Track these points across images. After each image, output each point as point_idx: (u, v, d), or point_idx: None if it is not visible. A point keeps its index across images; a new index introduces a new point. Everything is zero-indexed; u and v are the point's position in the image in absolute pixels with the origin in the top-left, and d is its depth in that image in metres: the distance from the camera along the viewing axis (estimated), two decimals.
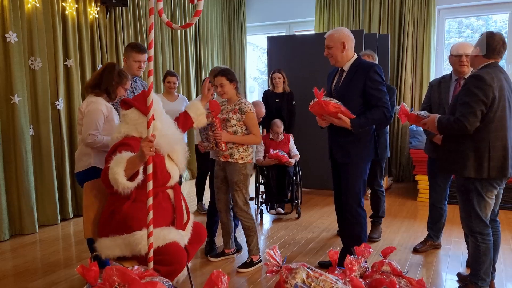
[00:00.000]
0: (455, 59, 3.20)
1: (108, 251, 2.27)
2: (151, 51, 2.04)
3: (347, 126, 2.82)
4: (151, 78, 2.08)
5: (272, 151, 4.50)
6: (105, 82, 2.77)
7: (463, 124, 2.45)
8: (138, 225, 2.21)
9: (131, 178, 2.16)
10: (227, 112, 3.17)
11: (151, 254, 2.14)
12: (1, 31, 3.86)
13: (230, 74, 3.15)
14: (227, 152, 3.14)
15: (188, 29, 6.41)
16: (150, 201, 2.12)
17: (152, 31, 2.02)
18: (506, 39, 2.60)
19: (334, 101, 2.81)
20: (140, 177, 2.18)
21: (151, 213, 2.12)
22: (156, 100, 2.40)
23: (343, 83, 2.97)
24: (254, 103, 4.50)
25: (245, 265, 3.26)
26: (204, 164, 4.52)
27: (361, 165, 2.97)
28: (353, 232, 3.02)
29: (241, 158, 3.15)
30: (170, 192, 2.46)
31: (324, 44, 2.96)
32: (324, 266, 3.16)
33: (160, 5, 2.08)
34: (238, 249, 3.62)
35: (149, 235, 2.13)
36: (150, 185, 2.13)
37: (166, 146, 2.37)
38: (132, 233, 2.21)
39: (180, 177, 2.75)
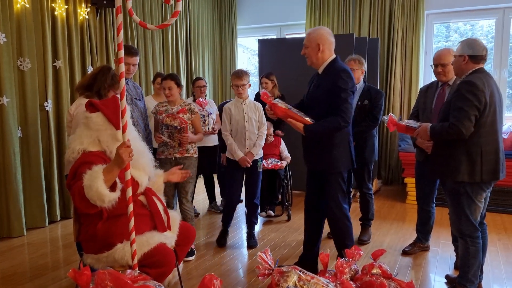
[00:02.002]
0: (433, 67, 3.26)
1: (97, 265, 2.26)
2: (121, 52, 2.01)
3: (300, 131, 2.81)
4: (123, 81, 2.02)
5: (265, 164, 4.50)
6: (98, 84, 2.74)
7: (459, 129, 2.48)
8: (118, 239, 2.19)
9: (110, 189, 2.08)
10: (177, 112, 3.51)
11: (136, 261, 2.12)
12: None
13: (178, 79, 3.56)
14: (184, 149, 3.49)
15: (179, 30, 6.39)
16: (131, 207, 2.07)
17: (121, 33, 1.99)
18: (491, 44, 2.66)
19: (283, 104, 2.81)
20: (120, 185, 2.10)
21: (132, 220, 2.08)
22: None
23: (314, 87, 2.93)
24: None
25: (188, 254, 3.49)
26: (210, 166, 4.59)
27: (334, 174, 2.90)
28: (339, 240, 3.03)
29: (195, 152, 3.57)
30: (142, 198, 2.42)
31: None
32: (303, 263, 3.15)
33: (130, 4, 2.03)
34: (253, 245, 3.79)
35: (132, 242, 2.09)
36: (129, 192, 2.07)
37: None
38: (114, 248, 2.18)
39: None
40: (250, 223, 3.87)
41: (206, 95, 4.74)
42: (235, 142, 3.65)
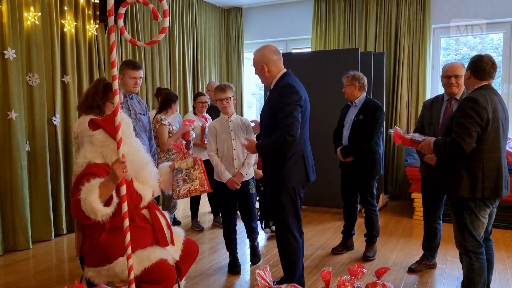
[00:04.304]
0: (445, 80, 3.24)
1: (97, 279, 2.27)
2: (114, 70, 2.04)
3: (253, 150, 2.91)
4: (117, 98, 2.06)
5: None
6: (96, 100, 2.77)
7: (460, 145, 2.47)
8: (120, 252, 2.19)
9: (106, 203, 2.12)
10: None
11: (132, 276, 2.11)
12: (0, 47, 3.90)
13: None
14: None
15: (186, 45, 6.46)
16: (127, 222, 2.08)
17: (114, 50, 2.04)
18: (501, 58, 2.63)
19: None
20: (116, 200, 2.14)
21: (128, 235, 2.09)
22: (126, 123, 2.38)
23: (265, 103, 2.92)
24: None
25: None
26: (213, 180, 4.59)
27: (285, 190, 2.80)
28: (285, 263, 2.91)
29: None
30: (145, 212, 2.44)
31: None
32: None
33: (121, 22, 2.10)
34: (256, 261, 3.74)
35: (128, 257, 2.09)
36: (125, 207, 2.09)
37: (130, 171, 2.29)
38: (115, 261, 2.20)
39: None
40: (251, 238, 3.74)
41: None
42: (223, 162, 3.39)
